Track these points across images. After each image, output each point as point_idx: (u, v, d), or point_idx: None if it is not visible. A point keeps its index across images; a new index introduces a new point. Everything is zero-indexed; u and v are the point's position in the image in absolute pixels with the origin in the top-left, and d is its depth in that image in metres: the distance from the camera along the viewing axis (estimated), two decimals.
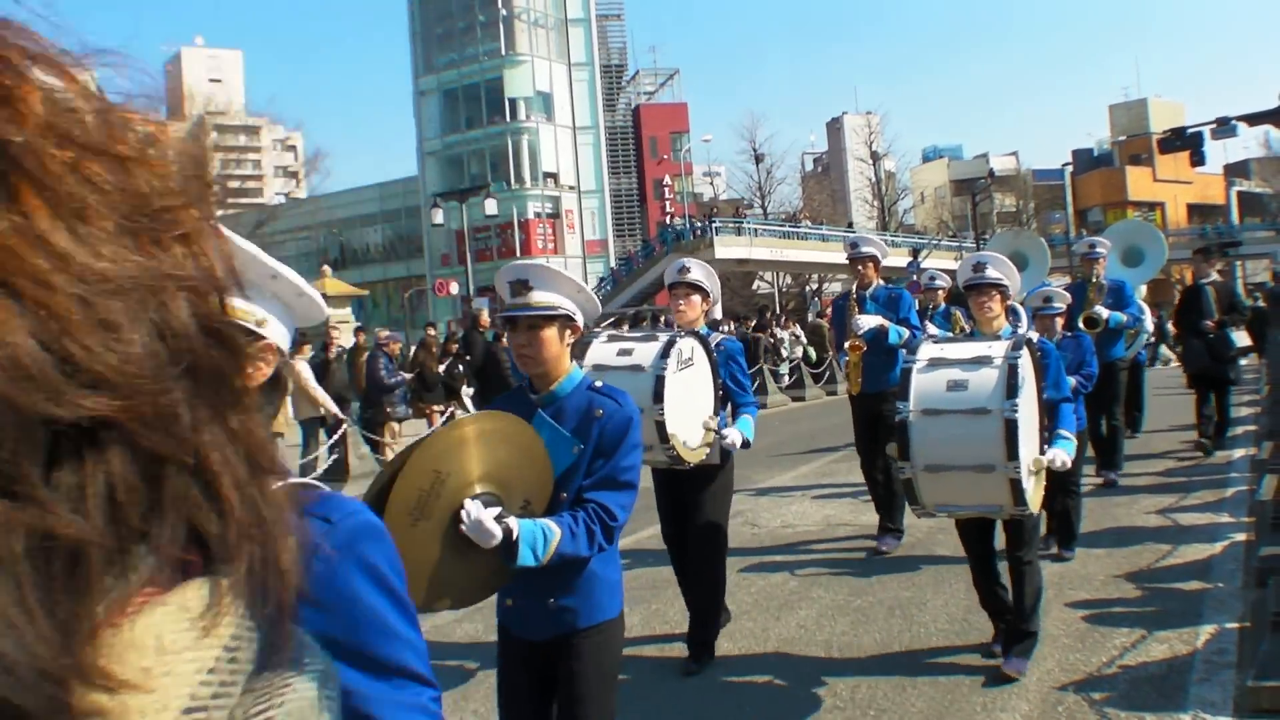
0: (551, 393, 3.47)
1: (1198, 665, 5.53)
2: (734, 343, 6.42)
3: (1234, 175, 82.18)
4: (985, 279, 5.65)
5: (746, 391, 6.32)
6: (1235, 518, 8.77)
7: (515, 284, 3.45)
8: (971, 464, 4.89)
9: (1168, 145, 34.17)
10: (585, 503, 3.28)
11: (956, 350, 5.23)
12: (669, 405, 5.39)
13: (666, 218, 60.37)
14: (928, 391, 5.04)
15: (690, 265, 6.26)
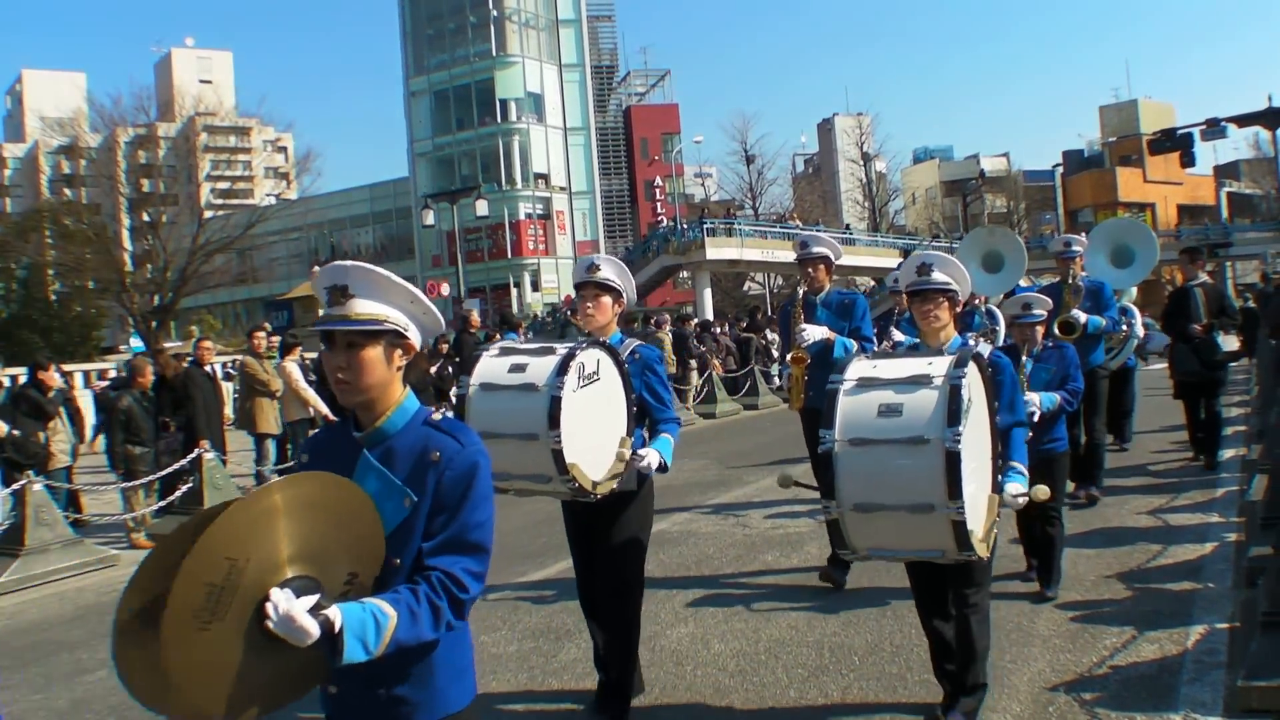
0: (379, 429, 2.78)
1: (1188, 665, 5.54)
2: (651, 350, 5.52)
3: (1224, 176, 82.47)
4: (930, 284, 4.94)
5: (666, 406, 5.47)
6: (1225, 518, 8.79)
7: (332, 290, 2.76)
8: (907, 503, 4.12)
9: (1158, 146, 34.32)
10: (427, 571, 2.64)
11: (891, 368, 4.39)
12: (568, 430, 4.62)
13: (657, 219, 60.39)
14: (856, 417, 4.22)
15: (600, 262, 5.50)
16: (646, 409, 5.39)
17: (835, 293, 7.99)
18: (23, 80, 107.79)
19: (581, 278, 5.48)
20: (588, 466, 4.79)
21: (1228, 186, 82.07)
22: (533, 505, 12.21)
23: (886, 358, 4.52)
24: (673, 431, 5.42)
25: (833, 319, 7.79)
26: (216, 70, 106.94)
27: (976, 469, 4.26)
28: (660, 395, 5.43)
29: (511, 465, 4.68)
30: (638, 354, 5.38)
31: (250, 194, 68.75)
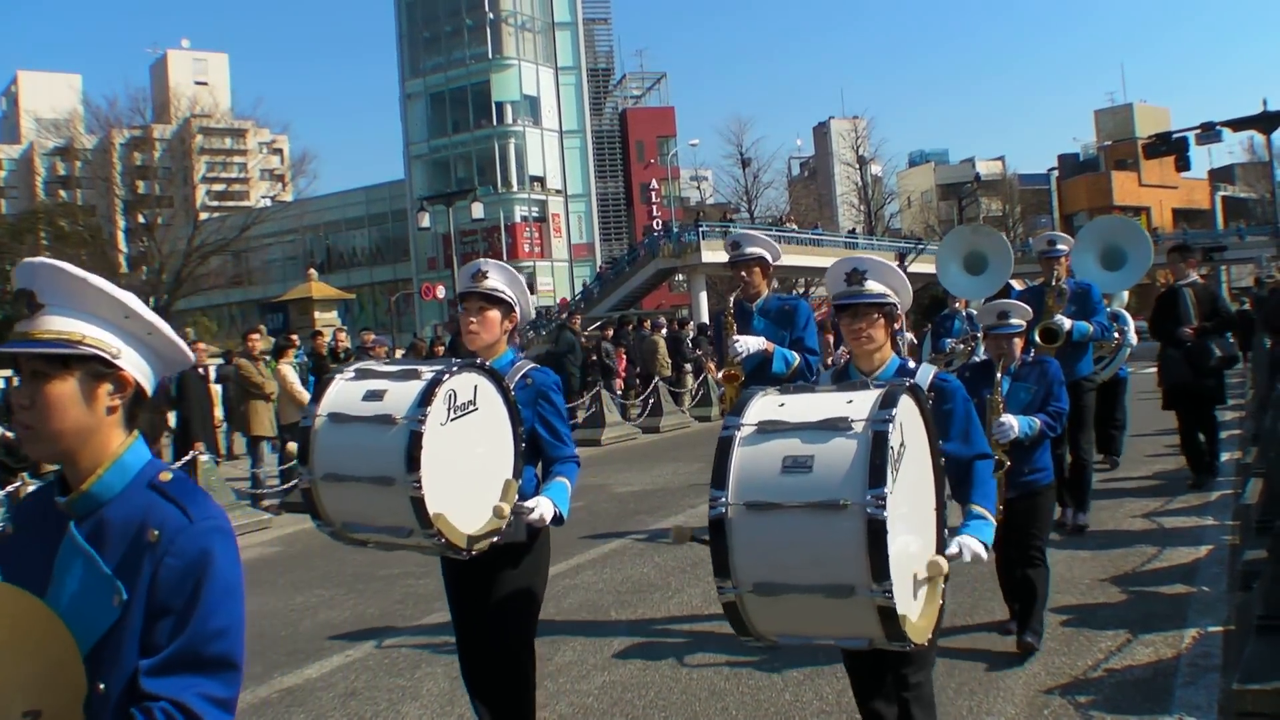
0: (86, 494, 2.05)
1: (1183, 668, 5.55)
2: (546, 375, 4.54)
3: (1219, 180, 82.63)
4: (864, 295, 3.96)
5: (563, 442, 4.52)
6: (1220, 521, 8.81)
7: (18, 297, 2.10)
8: (821, 584, 3.13)
9: (1153, 150, 34.37)
10: (147, 701, 1.90)
11: (801, 408, 3.37)
12: (433, 473, 3.72)
13: (653, 222, 60.40)
14: (756, 474, 3.21)
15: (487, 268, 4.55)
16: (539, 445, 4.45)
17: (774, 298, 7.26)
18: (18, 81, 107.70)
19: (465, 286, 4.53)
20: (460, 517, 3.89)
21: (1223, 190, 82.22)
22: None
23: (800, 392, 3.48)
24: (570, 474, 4.48)
25: (771, 328, 7.05)
26: (212, 72, 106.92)
27: (913, 531, 3.34)
28: (556, 428, 4.49)
29: (365, 514, 3.91)
30: (530, 379, 4.44)
31: (246, 196, 68.71)
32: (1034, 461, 6.11)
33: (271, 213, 58.78)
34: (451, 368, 3.92)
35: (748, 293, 7.23)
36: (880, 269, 3.99)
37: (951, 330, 11.32)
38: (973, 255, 10.33)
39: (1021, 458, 6.05)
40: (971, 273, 10.31)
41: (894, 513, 3.01)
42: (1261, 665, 4.46)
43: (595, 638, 6.87)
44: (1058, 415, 6.24)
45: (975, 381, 5.98)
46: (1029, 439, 6.03)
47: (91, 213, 56.78)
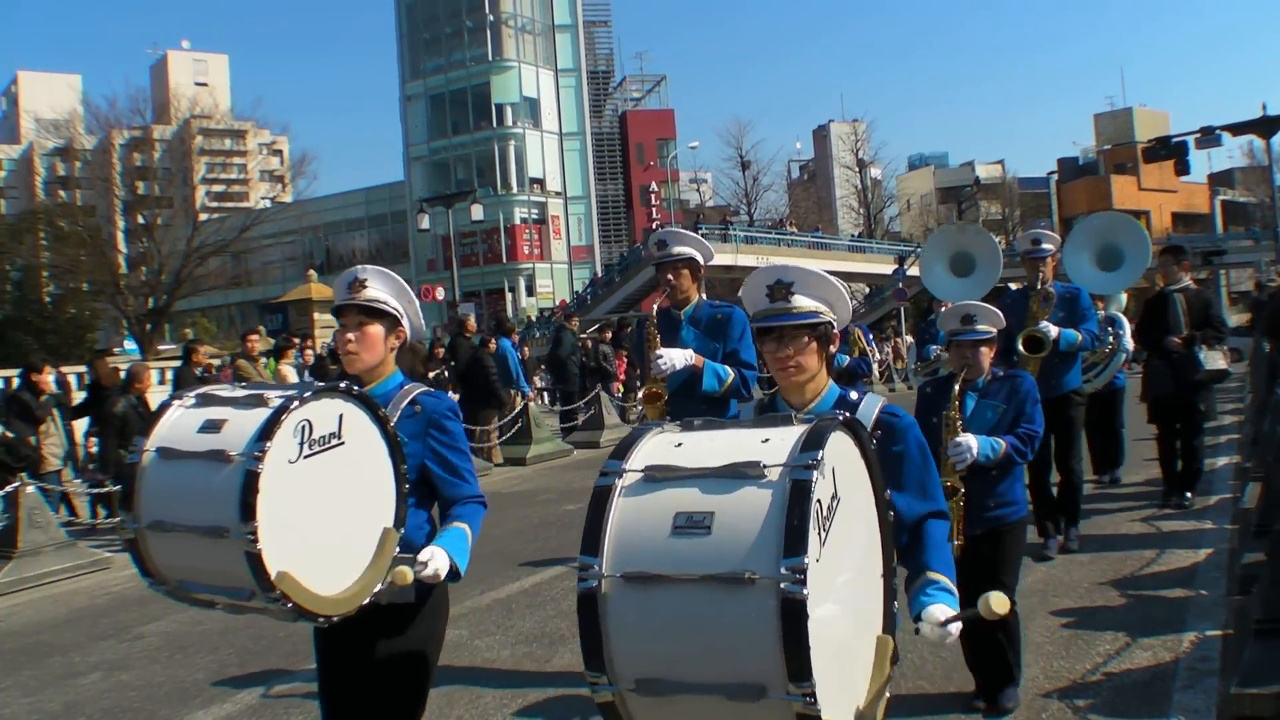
0: None
1: (1181, 672, 5.54)
2: (439, 400, 3.75)
3: (1218, 184, 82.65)
4: (789, 316, 3.15)
5: (463, 479, 3.69)
6: (1219, 525, 8.80)
7: None
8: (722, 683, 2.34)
9: (1153, 154, 34.43)
10: None
11: (703, 447, 2.59)
12: (277, 521, 2.98)
13: (653, 224, 60.43)
14: (638, 536, 2.49)
15: (366, 276, 3.82)
16: (434, 485, 3.68)
17: (706, 306, 6.32)
18: (18, 82, 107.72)
19: (341, 298, 3.77)
20: (316, 576, 3.11)
21: (1222, 195, 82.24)
22: (528, 509, 12.23)
23: (707, 428, 2.71)
24: (472, 518, 3.65)
25: (702, 340, 6.16)
26: (212, 73, 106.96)
27: (849, 607, 2.57)
28: (452, 464, 3.69)
29: (201, 571, 3.12)
30: (419, 405, 3.68)
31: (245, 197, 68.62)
32: (1000, 493, 5.25)
33: (271, 214, 58.72)
34: (305, 393, 3.17)
35: (675, 299, 6.28)
36: (810, 280, 3.20)
37: (937, 337, 10.68)
38: (960, 256, 9.66)
39: (985, 488, 5.21)
40: (958, 274, 9.66)
41: (820, 587, 2.27)
42: (1260, 669, 4.46)
43: None
44: (1028, 439, 5.34)
45: (937, 398, 5.37)
46: (992, 464, 5.20)
47: (91, 213, 56.68)
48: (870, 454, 2.69)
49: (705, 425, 2.71)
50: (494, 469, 16.02)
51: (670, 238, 6.34)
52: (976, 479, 5.19)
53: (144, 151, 60.37)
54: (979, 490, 5.20)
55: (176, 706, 6.14)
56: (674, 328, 6.27)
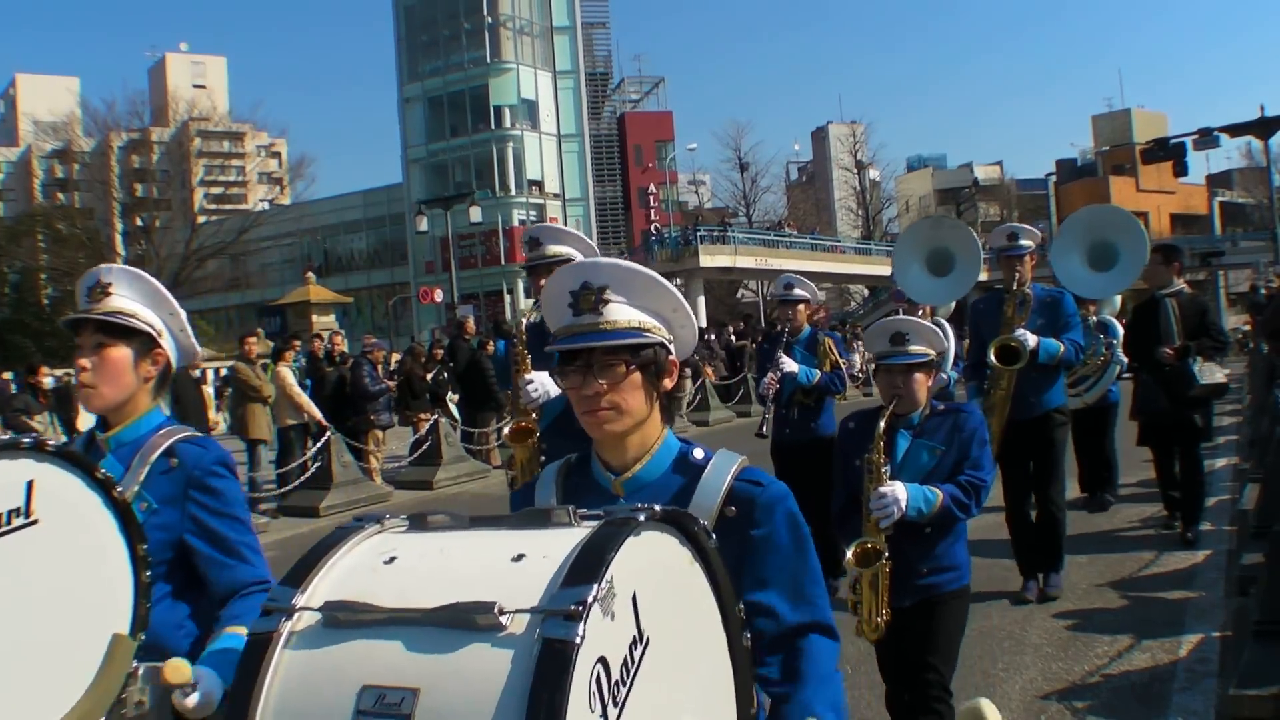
0: None
1: (1180, 674, 5.55)
2: (204, 449, 2.80)
3: (1217, 185, 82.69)
4: (598, 334, 2.17)
5: (240, 558, 2.83)
6: (1217, 526, 8.79)
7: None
8: None
9: (1151, 156, 34.47)
10: None
11: (422, 569, 1.66)
12: None
13: (651, 226, 60.45)
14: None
15: (111, 279, 2.88)
16: (200, 570, 2.77)
17: None
18: (16, 84, 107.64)
19: (80, 309, 2.83)
20: None
21: (1220, 196, 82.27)
22: None
23: (452, 526, 1.83)
24: (255, 616, 1.90)
25: None
26: (210, 75, 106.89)
27: None
28: (224, 538, 2.76)
29: None
30: (177, 458, 2.72)
31: (244, 199, 68.72)
32: (937, 555, 4.24)
33: (269, 216, 58.83)
34: None
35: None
36: (633, 282, 2.19)
37: None
38: (936, 253, 8.61)
39: (917, 549, 4.21)
40: (935, 274, 8.63)
41: None
42: (1259, 670, 4.46)
43: None
44: (973, 490, 4.20)
45: (862, 435, 4.32)
46: (926, 519, 4.14)
47: (89, 215, 56.78)
48: (711, 557, 1.82)
49: (448, 523, 1.82)
50: (492, 471, 16.03)
51: (545, 235, 5.23)
52: (907, 538, 4.15)
53: (142, 154, 60.47)
54: (910, 552, 4.18)
55: None
56: (536, 343, 4.87)
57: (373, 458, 15.33)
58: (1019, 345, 6.92)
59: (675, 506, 1.80)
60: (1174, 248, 9.33)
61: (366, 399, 15.20)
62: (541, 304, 2.40)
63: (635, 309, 2.19)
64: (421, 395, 17.10)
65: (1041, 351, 6.91)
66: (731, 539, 2.04)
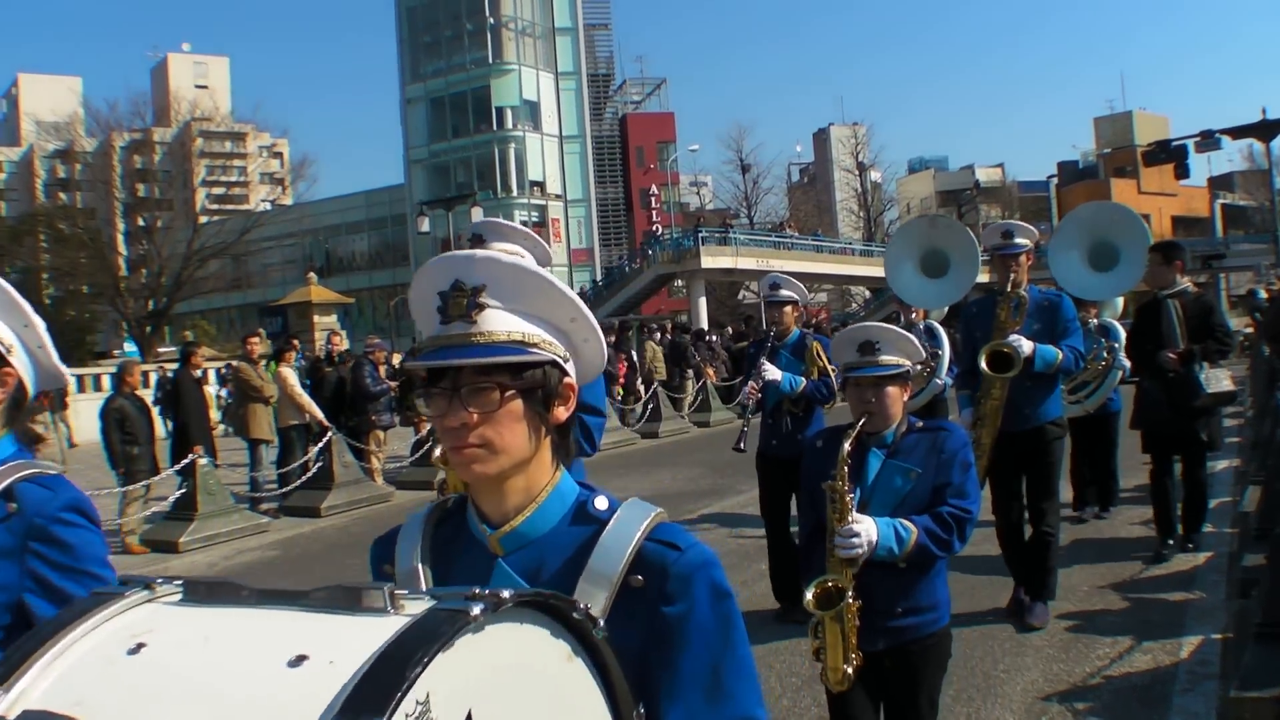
0: None
1: (1181, 676, 5.54)
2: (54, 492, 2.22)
3: (1218, 188, 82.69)
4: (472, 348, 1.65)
5: None
6: (1219, 529, 8.78)
7: None
8: None
9: (1152, 158, 34.41)
10: None
11: (171, 664, 1.20)
12: None
13: (653, 227, 60.46)
14: None
15: None
16: None
17: None
18: (19, 84, 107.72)
19: None
20: None
21: (1222, 198, 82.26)
22: None
23: (224, 599, 1.34)
24: None
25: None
26: (213, 76, 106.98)
27: None
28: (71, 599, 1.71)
29: None
30: (15, 503, 2.18)
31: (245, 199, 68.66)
32: (912, 594, 3.69)
33: (271, 216, 58.76)
34: None
35: None
36: (520, 284, 1.71)
37: None
38: (931, 254, 8.11)
39: (890, 587, 3.65)
40: (930, 275, 8.15)
41: None
42: (1260, 672, 4.46)
43: None
44: (956, 522, 3.60)
45: (828, 456, 3.73)
46: (901, 558, 3.57)
47: (91, 215, 56.76)
48: (599, 649, 1.47)
49: (231, 597, 1.35)
50: None
51: (490, 231, 4.54)
52: (877, 574, 3.59)
53: (144, 154, 60.47)
54: (882, 590, 3.64)
55: None
56: None
57: (374, 458, 15.33)
58: (1012, 352, 6.40)
59: (544, 590, 1.42)
60: (1175, 245, 8.54)
61: (368, 399, 15.19)
62: (413, 305, 1.81)
63: (519, 317, 1.70)
64: None
65: (1037, 359, 6.40)
66: (636, 616, 1.62)
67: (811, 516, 3.85)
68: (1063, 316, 6.64)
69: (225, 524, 11.82)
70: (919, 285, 8.22)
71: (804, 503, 3.99)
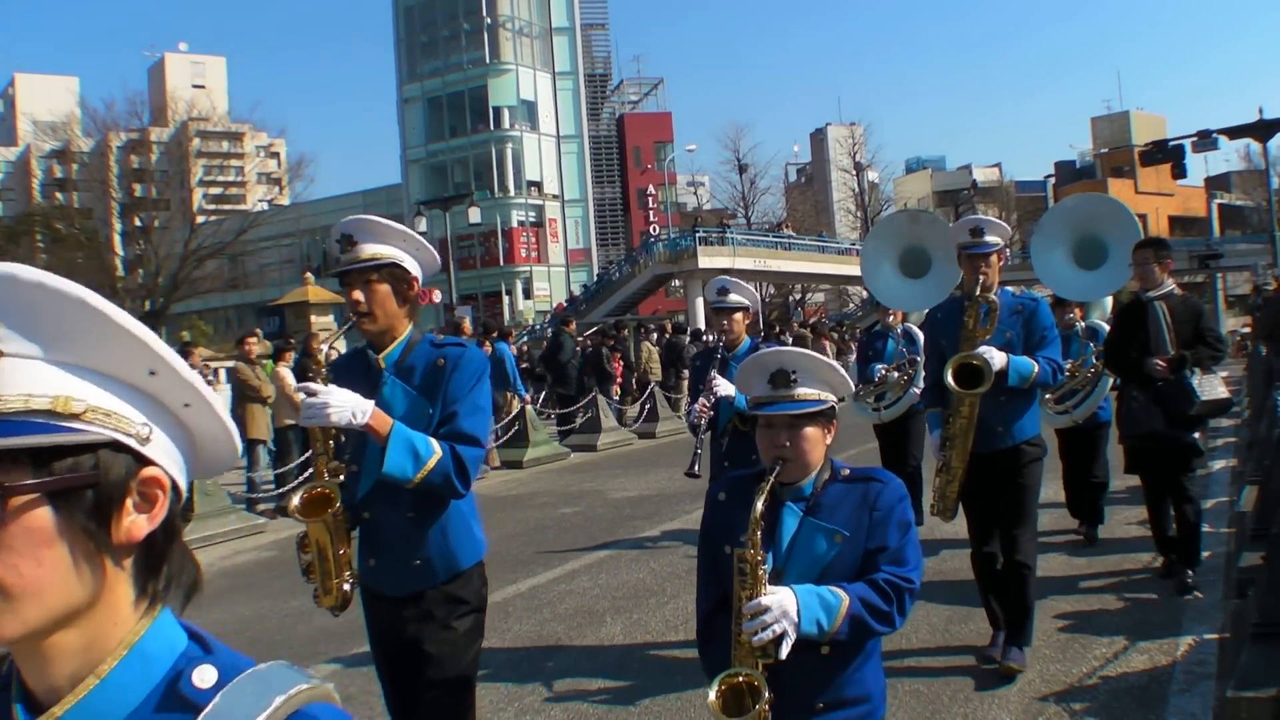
0: None
1: (1178, 676, 5.54)
2: None
3: (1215, 188, 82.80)
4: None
5: None
6: (1215, 529, 8.78)
7: None
8: None
9: (1149, 158, 34.43)
10: None
11: None
12: None
13: (650, 227, 60.47)
14: None
15: None
16: None
17: (424, 344, 3.66)
18: (15, 84, 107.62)
19: None
20: None
21: (1219, 198, 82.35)
22: (524, 512, 12.23)
23: None
24: None
25: (413, 400, 3.54)
26: (210, 75, 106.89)
27: None
28: None
29: None
30: None
31: (243, 199, 68.70)
32: (838, 684, 2.98)
33: (268, 216, 58.75)
34: None
35: (371, 330, 3.63)
36: (46, 313, 1.09)
37: (884, 353, 9.51)
38: (911, 252, 7.45)
39: (810, 676, 2.94)
40: (910, 275, 7.52)
41: None
42: (1256, 672, 4.46)
43: (590, 643, 6.87)
44: (895, 593, 2.88)
45: (735, 511, 3.04)
46: (827, 636, 2.83)
47: (88, 215, 56.76)
48: None
49: None
50: (491, 472, 16.03)
51: (360, 230, 3.72)
52: (792, 656, 2.82)
53: (141, 154, 60.41)
54: (798, 680, 2.93)
55: None
56: (370, 380, 3.59)
57: None
58: (982, 364, 5.57)
59: None
60: (1160, 242, 7.50)
61: None
62: None
63: (59, 370, 1.11)
64: None
65: (1011, 373, 5.61)
66: None
67: (715, 589, 3.11)
68: (1039, 324, 5.84)
69: (221, 525, 11.82)
70: (898, 285, 7.64)
71: (702, 568, 3.23)
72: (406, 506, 3.52)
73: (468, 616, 3.64)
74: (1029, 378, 5.64)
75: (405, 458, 3.31)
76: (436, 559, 3.58)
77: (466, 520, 3.66)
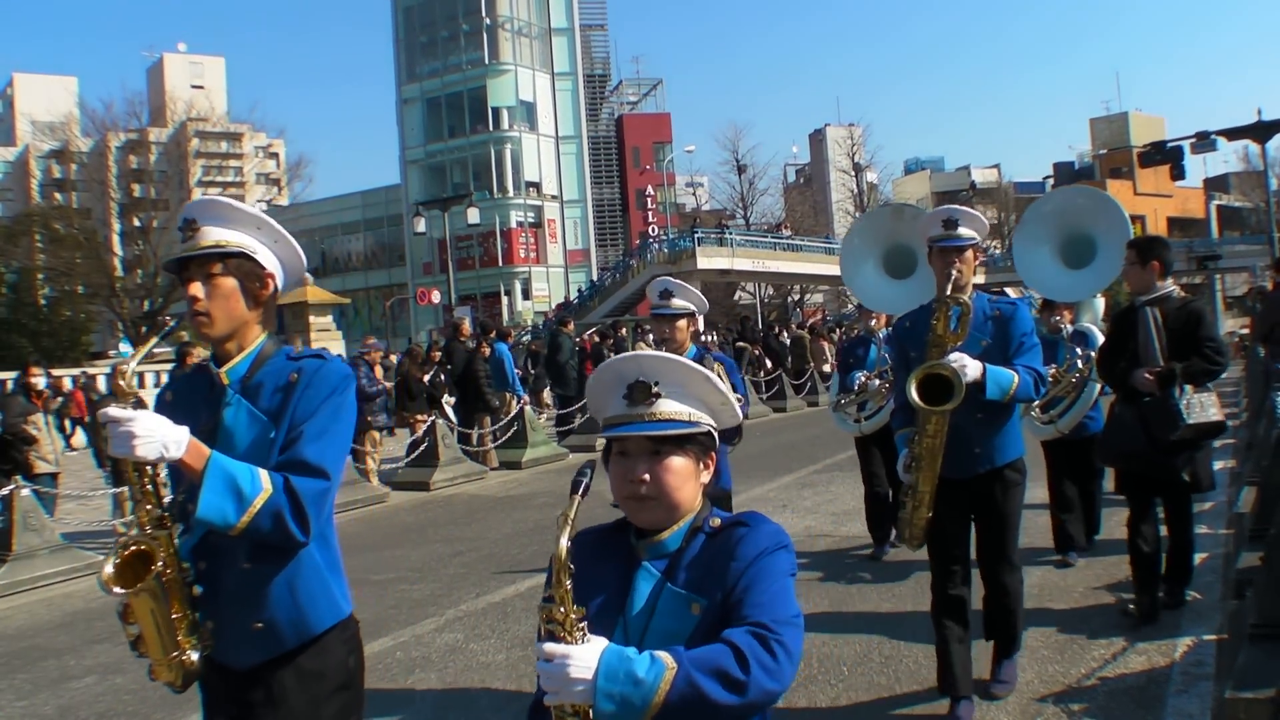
0: None
1: (1176, 677, 5.54)
2: None
3: (1213, 189, 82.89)
4: None
5: None
6: (1214, 529, 8.79)
7: None
8: None
9: (1148, 159, 34.47)
10: None
11: None
12: None
13: (649, 228, 60.50)
14: None
15: None
16: None
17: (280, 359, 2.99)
18: (14, 84, 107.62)
19: None
20: None
21: (1217, 199, 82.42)
22: (524, 513, 12.23)
23: None
24: None
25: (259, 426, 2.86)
26: (209, 76, 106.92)
27: None
28: None
29: None
30: None
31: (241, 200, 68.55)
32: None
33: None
34: None
35: (210, 337, 3.04)
36: None
37: (865, 360, 8.96)
38: (896, 250, 6.88)
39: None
40: (894, 276, 6.98)
41: None
42: (1255, 673, 4.46)
43: None
44: (764, 643, 2.08)
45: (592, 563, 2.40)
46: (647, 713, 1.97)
47: (87, 216, 56.74)
48: None
49: None
50: (490, 473, 16.02)
51: (204, 212, 2.99)
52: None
53: (140, 154, 60.42)
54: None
55: (171, 710, 6.12)
56: (211, 400, 2.95)
57: (369, 459, 15.31)
58: (952, 375, 4.77)
59: None
60: (1154, 240, 6.53)
61: (363, 400, 15.18)
62: None
63: None
64: (419, 397, 17.09)
65: (989, 383, 4.86)
66: None
67: None
68: (1018, 329, 5.11)
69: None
70: (881, 286, 7.05)
71: None
72: (242, 556, 2.79)
73: (333, 699, 2.88)
74: (1009, 390, 4.90)
75: (224, 498, 2.61)
76: (283, 621, 2.83)
77: (320, 571, 2.89)
